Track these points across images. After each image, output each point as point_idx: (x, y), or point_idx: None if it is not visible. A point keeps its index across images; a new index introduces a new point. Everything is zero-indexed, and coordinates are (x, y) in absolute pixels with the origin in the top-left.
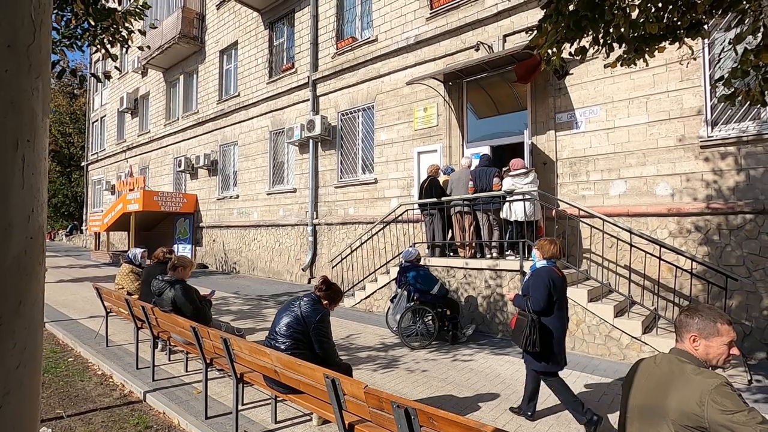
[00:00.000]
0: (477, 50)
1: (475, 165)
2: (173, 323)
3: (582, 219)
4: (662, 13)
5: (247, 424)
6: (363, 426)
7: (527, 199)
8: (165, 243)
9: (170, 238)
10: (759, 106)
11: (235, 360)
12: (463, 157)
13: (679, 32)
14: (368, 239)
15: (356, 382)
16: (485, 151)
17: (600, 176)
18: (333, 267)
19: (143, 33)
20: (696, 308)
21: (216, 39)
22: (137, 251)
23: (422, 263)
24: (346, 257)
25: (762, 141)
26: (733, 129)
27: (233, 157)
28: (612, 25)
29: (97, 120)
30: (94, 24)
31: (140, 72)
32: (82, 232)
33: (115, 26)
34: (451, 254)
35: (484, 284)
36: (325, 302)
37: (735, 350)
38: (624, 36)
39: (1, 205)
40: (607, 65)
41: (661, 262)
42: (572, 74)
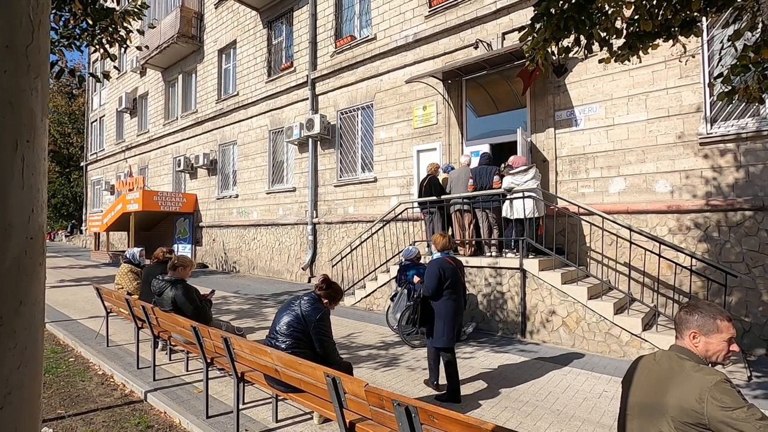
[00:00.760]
0: (476, 48)
1: (475, 163)
2: (174, 323)
3: (582, 216)
4: (656, 11)
5: (248, 423)
6: (364, 424)
7: (527, 197)
8: (165, 243)
9: (170, 237)
10: (757, 103)
11: (236, 359)
12: (462, 155)
13: (673, 30)
14: (368, 238)
15: (357, 380)
16: (485, 149)
17: (599, 174)
18: (333, 266)
19: (142, 33)
20: (696, 305)
21: (215, 38)
22: (135, 250)
23: (422, 261)
24: (346, 256)
25: (761, 137)
26: (733, 126)
27: (232, 157)
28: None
29: (96, 120)
30: (92, 24)
31: (139, 72)
32: (81, 233)
33: (114, 26)
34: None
35: (484, 282)
36: (326, 301)
37: (735, 347)
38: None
39: (1, 206)
40: (601, 61)
41: (661, 259)
42: (571, 72)
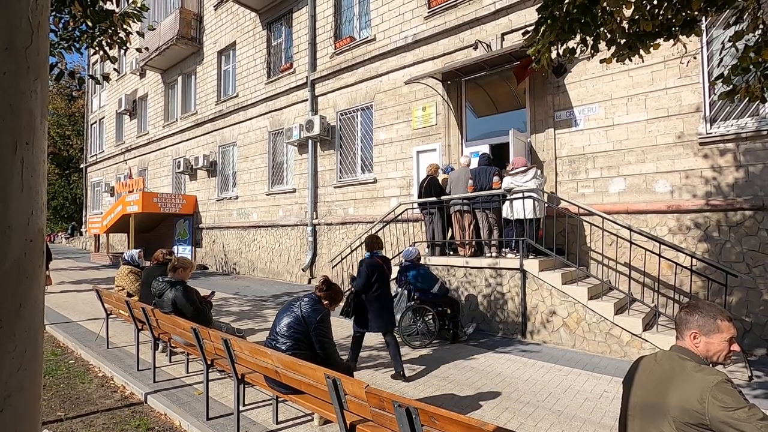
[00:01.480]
0: (475, 49)
1: (475, 164)
2: (174, 324)
3: (582, 217)
4: (657, 11)
5: (249, 425)
6: (364, 426)
7: (527, 198)
8: (165, 244)
9: (170, 239)
10: (758, 102)
11: (236, 361)
12: (462, 155)
13: (673, 29)
14: None
15: (357, 381)
16: (484, 150)
17: (599, 174)
18: (333, 267)
19: (141, 35)
20: (696, 305)
21: (214, 40)
22: (134, 252)
23: (422, 262)
24: (346, 257)
25: (761, 137)
26: (732, 125)
27: (232, 158)
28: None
29: (96, 122)
30: (92, 26)
31: (138, 73)
32: (81, 234)
33: (114, 28)
34: (452, 253)
35: (484, 283)
36: (326, 302)
37: (735, 347)
38: (614, 39)
39: (1, 208)
40: (602, 61)
41: (661, 259)
42: (570, 72)
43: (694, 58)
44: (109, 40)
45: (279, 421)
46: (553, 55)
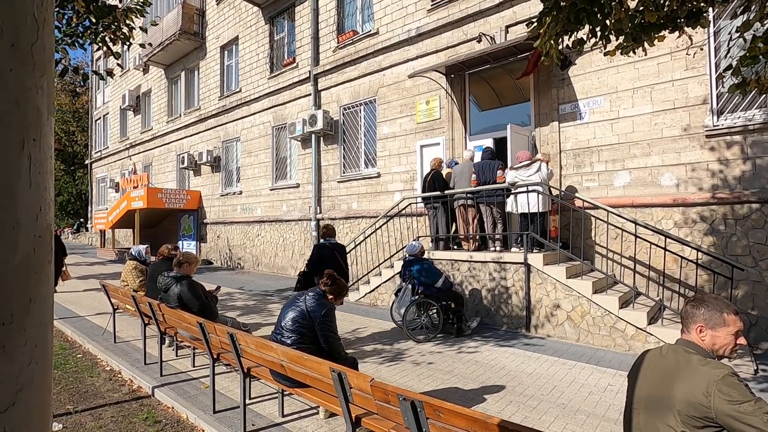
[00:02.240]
0: (479, 42)
1: (478, 158)
2: (180, 319)
3: (586, 210)
4: (662, 2)
5: (255, 418)
6: (370, 419)
7: (531, 192)
8: (169, 240)
9: (175, 234)
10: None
11: (242, 355)
12: (465, 149)
13: (679, 21)
14: (372, 233)
15: (362, 375)
16: (488, 144)
17: (604, 167)
18: None
19: (144, 30)
20: (702, 298)
21: (216, 35)
22: (141, 248)
23: (426, 257)
24: (350, 252)
25: None
26: (739, 118)
27: (236, 153)
28: (611, 18)
29: (100, 118)
30: (95, 21)
31: (142, 69)
32: (87, 230)
33: (117, 23)
34: (455, 247)
35: (488, 277)
36: (330, 297)
37: (742, 340)
38: (623, 27)
39: (9, 204)
40: (606, 53)
41: (666, 252)
42: (575, 65)
43: (701, 49)
44: (112, 36)
45: (285, 414)
46: (562, 46)
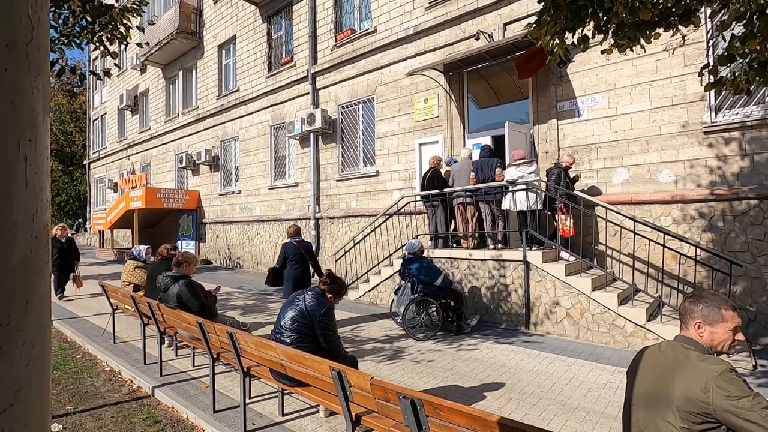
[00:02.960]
0: (477, 39)
1: (477, 155)
2: (179, 319)
3: (585, 207)
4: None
5: (255, 417)
6: (370, 417)
7: (530, 189)
8: (168, 239)
9: (174, 234)
10: (744, 94)
11: (242, 354)
12: (464, 147)
13: (672, 19)
14: (371, 232)
15: (362, 373)
16: (487, 142)
17: (603, 164)
18: (336, 260)
19: (141, 29)
20: (700, 295)
21: (214, 34)
22: (142, 248)
23: (425, 255)
24: (349, 250)
25: (767, 125)
26: (737, 114)
27: (234, 153)
28: (611, 13)
29: (98, 118)
30: (91, 21)
31: (139, 69)
32: (86, 231)
33: (113, 23)
34: (455, 245)
35: (487, 275)
36: (330, 296)
37: (740, 336)
38: (624, 23)
39: (6, 205)
40: (603, 51)
41: (665, 249)
42: (573, 62)
43: (681, 45)
44: (109, 36)
45: (285, 413)
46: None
